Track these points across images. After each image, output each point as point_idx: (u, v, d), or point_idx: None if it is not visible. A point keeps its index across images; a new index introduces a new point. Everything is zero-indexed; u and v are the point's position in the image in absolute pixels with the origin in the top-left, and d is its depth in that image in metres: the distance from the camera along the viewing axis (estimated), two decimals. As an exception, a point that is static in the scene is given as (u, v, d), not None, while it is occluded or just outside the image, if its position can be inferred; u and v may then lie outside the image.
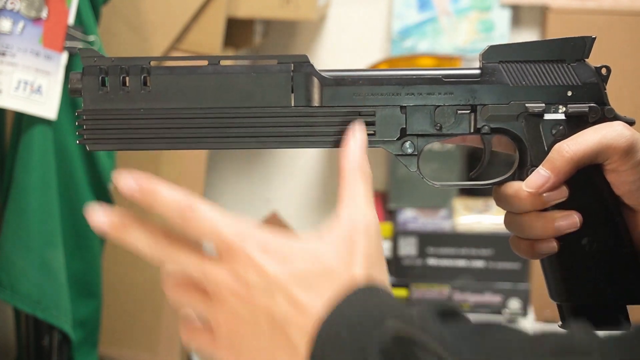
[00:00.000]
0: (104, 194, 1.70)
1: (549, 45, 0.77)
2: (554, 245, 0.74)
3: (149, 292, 2.08)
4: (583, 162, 0.73)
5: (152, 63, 0.76)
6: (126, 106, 0.76)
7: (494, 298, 2.19)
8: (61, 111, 1.55)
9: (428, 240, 2.20)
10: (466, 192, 2.33)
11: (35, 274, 1.55)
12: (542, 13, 2.32)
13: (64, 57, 1.52)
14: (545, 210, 0.75)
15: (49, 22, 1.51)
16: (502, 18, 2.31)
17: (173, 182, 0.66)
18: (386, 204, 2.34)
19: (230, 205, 2.53)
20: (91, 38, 1.56)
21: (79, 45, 1.54)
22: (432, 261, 2.21)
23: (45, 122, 1.53)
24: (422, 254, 2.21)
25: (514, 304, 2.18)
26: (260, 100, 0.76)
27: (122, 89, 0.75)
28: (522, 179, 0.76)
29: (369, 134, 0.76)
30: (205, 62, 0.76)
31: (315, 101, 0.76)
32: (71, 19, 1.52)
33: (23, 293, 1.54)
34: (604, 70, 0.77)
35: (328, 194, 2.49)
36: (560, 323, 0.78)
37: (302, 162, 2.48)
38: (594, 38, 0.77)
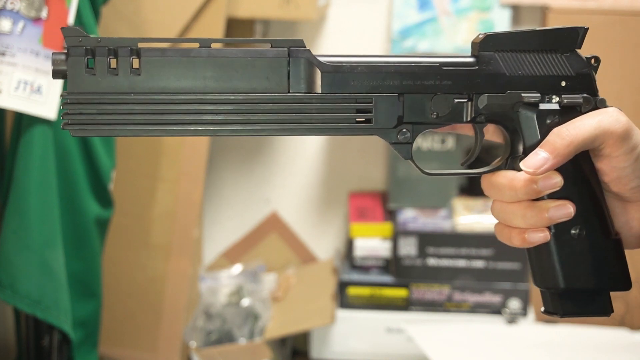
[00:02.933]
0: (104, 194, 1.70)
1: (544, 35, 0.76)
2: (546, 235, 0.75)
3: (149, 292, 2.08)
4: (581, 147, 0.73)
5: (140, 45, 0.73)
6: (115, 90, 0.72)
7: (494, 298, 2.19)
8: (61, 111, 1.54)
9: (428, 240, 2.20)
10: (466, 192, 2.33)
11: (35, 274, 1.55)
12: (542, 13, 2.32)
13: (63, 57, 1.52)
14: (538, 199, 0.75)
15: (49, 22, 1.51)
16: (502, 18, 2.31)
17: (173, 182, 0.66)
18: (386, 204, 2.34)
19: (230, 205, 2.53)
20: (91, 38, 1.56)
21: (79, 45, 1.53)
22: (432, 261, 2.21)
23: (45, 122, 1.53)
24: (422, 254, 2.21)
25: (514, 304, 2.18)
26: (256, 86, 0.74)
27: (109, 71, 0.72)
28: (513, 168, 0.76)
29: (366, 121, 0.75)
30: (196, 45, 0.73)
31: (313, 88, 0.74)
32: (71, 19, 1.52)
33: (23, 293, 1.54)
34: (593, 61, 0.77)
35: (328, 194, 2.49)
36: (543, 309, 0.79)
37: (302, 162, 2.48)
38: (587, 29, 0.77)
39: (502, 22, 2.31)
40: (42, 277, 1.56)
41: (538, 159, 0.72)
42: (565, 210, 0.74)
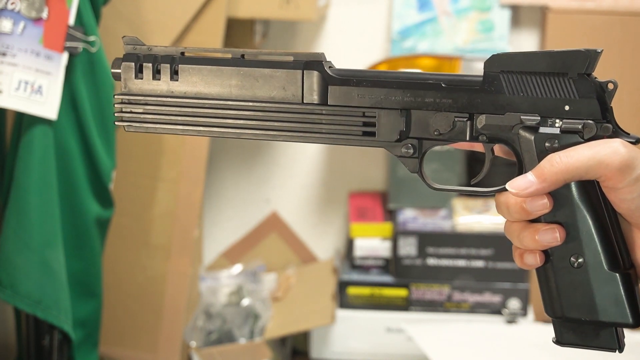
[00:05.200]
0: (104, 194, 1.70)
1: (552, 57, 0.75)
2: (536, 258, 0.75)
3: (149, 292, 2.08)
4: (572, 176, 0.72)
5: (188, 53, 0.82)
6: (156, 93, 0.81)
7: (493, 298, 2.19)
8: (61, 111, 1.55)
9: (428, 240, 2.20)
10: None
11: (35, 274, 1.55)
12: (542, 13, 2.32)
13: (64, 57, 1.52)
14: (534, 222, 0.75)
15: (50, 23, 1.51)
16: (502, 18, 2.31)
17: (173, 182, 0.68)
18: (386, 204, 2.34)
19: (230, 205, 2.53)
20: (91, 38, 1.56)
21: (80, 45, 1.54)
22: (432, 261, 2.21)
23: (45, 122, 1.53)
24: (422, 254, 2.21)
25: (514, 304, 2.18)
26: (274, 95, 0.80)
27: (155, 76, 0.81)
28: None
29: (370, 133, 0.79)
30: (229, 55, 0.81)
31: (324, 100, 0.79)
32: (71, 19, 1.52)
33: (23, 293, 1.55)
34: (610, 86, 0.74)
35: (328, 194, 2.49)
36: (554, 338, 0.77)
37: (302, 163, 2.49)
38: (600, 52, 0.74)
39: (501, 23, 2.31)
40: (42, 277, 1.56)
41: (523, 182, 0.73)
42: (553, 234, 0.74)
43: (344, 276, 2.25)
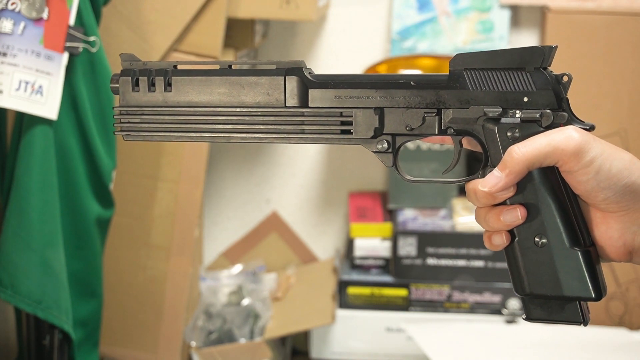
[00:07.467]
0: (104, 194, 1.71)
1: (511, 54, 0.81)
2: (503, 238, 0.82)
3: (150, 292, 2.08)
4: (533, 164, 0.78)
5: (180, 66, 0.88)
6: (152, 104, 0.88)
7: (493, 298, 2.19)
8: (62, 111, 1.55)
9: (428, 240, 2.21)
10: (465, 192, 2.33)
11: (36, 274, 1.55)
12: (542, 13, 2.32)
13: (64, 57, 1.53)
14: (498, 205, 0.81)
15: (50, 23, 1.51)
16: (501, 18, 2.31)
17: (173, 183, 0.69)
18: (386, 204, 2.35)
19: (230, 205, 2.53)
20: (92, 38, 1.57)
21: (80, 45, 1.54)
22: (431, 261, 2.21)
23: (45, 123, 1.54)
24: (422, 253, 2.21)
25: (514, 303, 2.18)
26: (259, 100, 0.86)
27: (150, 88, 0.87)
28: (484, 177, 0.82)
29: (347, 132, 0.86)
30: (217, 66, 0.87)
31: (305, 102, 0.85)
32: (72, 20, 1.52)
33: (24, 293, 1.55)
34: (565, 78, 0.81)
35: (328, 194, 2.49)
36: (524, 315, 0.83)
37: (302, 163, 2.49)
38: (555, 47, 0.81)
39: (501, 23, 2.31)
40: (43, 276, 1.56)
41: (492, 179, 0.80)
42: (515, 213, 0.80)
43: (344, 276, 2.26)
